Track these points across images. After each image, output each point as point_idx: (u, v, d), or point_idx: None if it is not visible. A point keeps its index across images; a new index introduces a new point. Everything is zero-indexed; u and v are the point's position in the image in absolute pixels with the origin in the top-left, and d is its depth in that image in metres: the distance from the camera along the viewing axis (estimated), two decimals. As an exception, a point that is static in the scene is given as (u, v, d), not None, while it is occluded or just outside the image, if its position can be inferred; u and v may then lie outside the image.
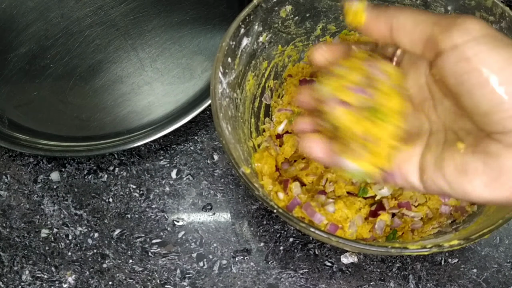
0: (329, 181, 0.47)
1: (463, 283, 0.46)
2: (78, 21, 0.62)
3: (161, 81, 0.57)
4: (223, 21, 0.61)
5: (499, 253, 0.48)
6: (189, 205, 0.51)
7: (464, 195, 0.27)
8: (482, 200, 0.27)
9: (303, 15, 0.48)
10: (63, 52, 0.60)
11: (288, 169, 0.48)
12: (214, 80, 0.40)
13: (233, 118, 0.43)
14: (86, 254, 0.48)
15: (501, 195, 0.26)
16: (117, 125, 0.55)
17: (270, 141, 0.49)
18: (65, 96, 0.57)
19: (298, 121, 0.35)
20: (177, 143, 0.54)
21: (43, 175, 0.53)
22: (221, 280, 0.47)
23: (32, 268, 0.48)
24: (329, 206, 0.44)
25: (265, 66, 0.49)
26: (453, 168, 0.28)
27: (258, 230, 0.49)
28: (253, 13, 0.43)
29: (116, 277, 0.47)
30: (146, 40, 0.60)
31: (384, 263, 0.47)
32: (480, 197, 0.27)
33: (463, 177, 0.27)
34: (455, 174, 0.27)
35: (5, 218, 0.50)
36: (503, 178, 0.26)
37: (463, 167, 0.27)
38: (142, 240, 0.49)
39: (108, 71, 0.58)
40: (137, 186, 0.52)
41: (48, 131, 0.54)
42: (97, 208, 0.51)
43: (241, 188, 0.51)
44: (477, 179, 0.26)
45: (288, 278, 0.47)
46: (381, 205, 0.45)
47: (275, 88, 0.51)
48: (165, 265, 0.48)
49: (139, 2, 0.63)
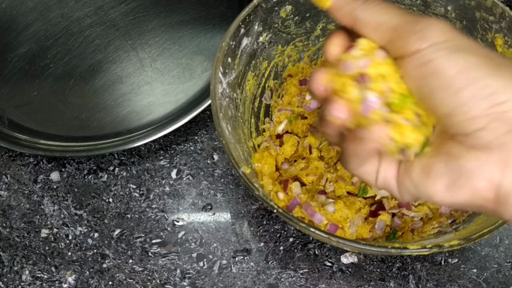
0: (329, 181, 0.47)
1: (463, 283, 0.46)
2: (78, 21, 0.62)
3: (161, 81, 0.57)
4: (223, 21, 0.61)
5: (499, 253, 0.48)
6: (189, 205, 0.51)
7: (429, 198, 0.27)
8: (445, 203, 0.27)
9: (303, 15, 0.48)
10: (63, 52, 0.60)
11: (288, 169, 0.48)
12: (214, 80, 0.40)
13: (233, 118, 0.43)
14: (86, 254, 0.48)
15: (461, 198, 0.26)
16: (117, 125, 0.55)
17: (270, 141, 0.49)
18: (65, 96, 0.57)
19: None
20: (177, 143, 0.54)
21: (43, 175, 0.53)
22: (221, 280, 0.47)
23: (32, 268, 0.48)
24: (329, 206, 0.44)
25: (265, 66, 0.49)
26: (419, 170, 0.27)
27: (258, 230, 0.49)
28: (253, 13, 0.43)
29: (116, 277, 0.47)
30: (146, 40, 0.60)
31: (384, 263, 0.47)
32: (442, 200, 0.26)
33: (426, 179, 0.27)
34: (421, 176, 0.27)
35: (5, 218, 0.50)
36: (462, 180, 0.25)
37: (427, 169, 0.27)
38: (142, 240, 0.49)
39: (108, 71, 0.58)
40: (137, 186, 0.52)
41: (48, 131, 0.55)
42: (97, 208, 0.51)
43: (241, 188, 0.51)
44: (438, 182, 0.26)
45: (288, 278, 0.47)
46: (381, 205, 0.45)
47: (275, 88, 0.51)
48: (165, 265, 0.48)
49: (139, 2, 0.63)
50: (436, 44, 0.25)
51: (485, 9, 0.42)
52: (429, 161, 0.27)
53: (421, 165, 0.27)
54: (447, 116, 0.25)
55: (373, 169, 0.29)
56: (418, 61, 0.25)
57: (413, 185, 0.28)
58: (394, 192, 0.30)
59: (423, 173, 0.27)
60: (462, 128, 0.25)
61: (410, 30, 0.25)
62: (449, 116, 0.25)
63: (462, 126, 0.25)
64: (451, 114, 0.25)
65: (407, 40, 0.25)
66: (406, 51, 0.25)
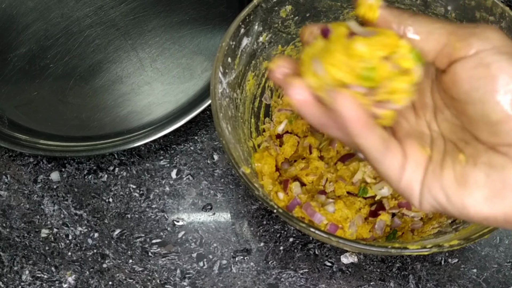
0: (329, 181, 0.47)
1: (463, 283, 0.46)
2: (78, 21, 0.62)
3: (161, 81, 0.57)
4: (223, 21, 0.61)
5: (499, 253, 0.48)
6: (189, 205, 0.51)
7: (462, 209, 0.26)
8: (480, 216, 0.26)
9: (303, 15, 0.48)
10: (63, 52, 0.60)
11: (288, 169, 0.48)
12: (214, 80, 0.40)
13: (233, 118, 0.43)
14: (86, 254, 0.48)
15: (500, 211, 0.25)
16: (117, 125, 0.55)
17: (270, 141, 0.49)
18: (65, 96, 0.57)
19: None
20: (177, 143, 0.54)
21: (43, 175, 0.53)
22: (221, 280, 0.47)
23: (32, 268, 0.48)
24: (329, 206, 0.44)
25: (265, 66, 0.49)
26: (452, 179, 0.26)
27: (258, 230, 0.49)
28: (253, 13, 0.43)
29: (116, 277, 0.47)
30: (146, 40, 0.60)
31: (384, 263, 0.47)
32: (478, 212, 0.25)
33: (462, 189, 0.26)
34: (455, 185, 0.26)
35: (5, 218, 0.50)
36: (506, 191, 0.24)
37: (463, 178, 0.26)
38: (142, 240, 0.49)
39: (108, 71, 0.58)
40: (137, 186, 0.52)
41: (48, 131, 0.55)
42: (97, 208, 0.51)
43: (241, 188, 0.51)
44: (477, 192, 0.25)
45: (288, 278, 0.47)
46: (381, 205, 0.45)
47: (275, 88, 0.51)
48: (165, 265, 0.48)
49: (139, 2, 0.63)
50: (498, 47, 0.24)
51: (485, 9, 0.42)
52: (465, 170, 0.26)
53: (455, 173, 0.26)
54: (497, 123, 0.24)
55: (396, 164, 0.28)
56: (477, 62, 0.24)
57: (444, 193, 0.26)
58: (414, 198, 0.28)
59: (458, 183, 0.26)
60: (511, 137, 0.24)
61: (470, 32, 0.25)
62: (498, 123, 0.24)
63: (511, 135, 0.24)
64: (502, 121, 0.24)
65: (469, 41, 0.25)
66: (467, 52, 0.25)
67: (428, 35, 0.26)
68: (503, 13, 0.41)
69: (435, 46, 0.26)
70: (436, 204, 0.27)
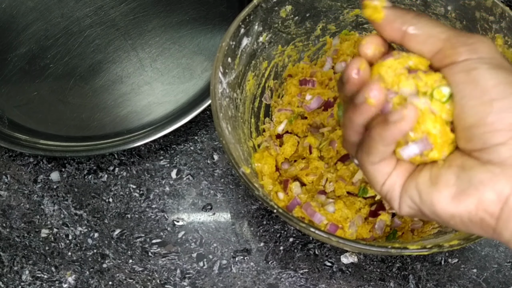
0: (329, 181, 0.47)
1: (463, 283, 0.46)
2: (78, 21, 0.62)
3: (161, 81, 0.57)
4: (223, 21, 0.61)
5: (499, 253, 0.48)
6: (189, 205, 0.51)
7: (431, 206, 0.27)
8: (447, 213, 0.27)
9: (303, 15, 0.48)
10: (63, 52, 0.60)
11: (288, 169, 0.48)
12: (214, 80, 0.40)
13: (233, 118, 0.43)
14: (86, 254, 0.48)
15: (464, 208, 0.26)
16: (117, 125, 0.55)
17: (270, 141, 0.49)
18: (65, 96, 0.57)
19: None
20: (177, 143, 0.54)
21: (43, 175, 0.53)
22: (221, 280, 0.47)
23: (32, 268, 0.48)
24: (329, 206, 0.44)
25: (265, 66, 0.49)
26: (427, 179, 0.28)
27: (258, 230, 0.49)
28: (253, 13, 0.43)
29: (116, 277, 0.47)
30: (146, 40, 0.60)
31: (384, 263, 0.47)
32: (445, 209, 0.27)
33: (433, 187, 0.27)
34: (427, 184, 0.28)
35: (5, 218, 0.50)
36: (470, 190, 0.26)
37: (436, 178, 0.27)
38: (142, 240, 0.49)
39: (108, 71, 0.58)
40: (137, 186, 0.52)
41: (48, 131, 0.55)
42: (97, 208, 0.51)
43: (241, 188, 0.51)
44: (446, 190, 0.27)
45: (288, 278, 0.47)
46: (381, 205, 0.45)
47: (275, 88, 0.51)
48: (165, 265, 0.48)
49: (139, 2, 0.63)
50: (483, 58, 0.26)
51: (485, 9, 0.42)
52: (439, 171, 0.28)
53: (430, 174, 0.28)
54: (472, 127, 0.26)
55: (387, 170, 0.30)
56: (463, 67, 0.26)
57: (417, 191, 0.28)
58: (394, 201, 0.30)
59: (430, 181, 0.28)
60: (483, 140, 0.25)
61: (462, 42, 0.27)
62: (473, 127, 0.26)
63: (483, 138, 0.25)
64: (476, 124, 0.25)
65: (459, 50, 0.27)
66: (455, 59, 0.27)
67: (427, 37, 0.28)
68: (503, 13, 0.41)
69: (431, 49, 0.28)
70: (412, 204, 0.29)
